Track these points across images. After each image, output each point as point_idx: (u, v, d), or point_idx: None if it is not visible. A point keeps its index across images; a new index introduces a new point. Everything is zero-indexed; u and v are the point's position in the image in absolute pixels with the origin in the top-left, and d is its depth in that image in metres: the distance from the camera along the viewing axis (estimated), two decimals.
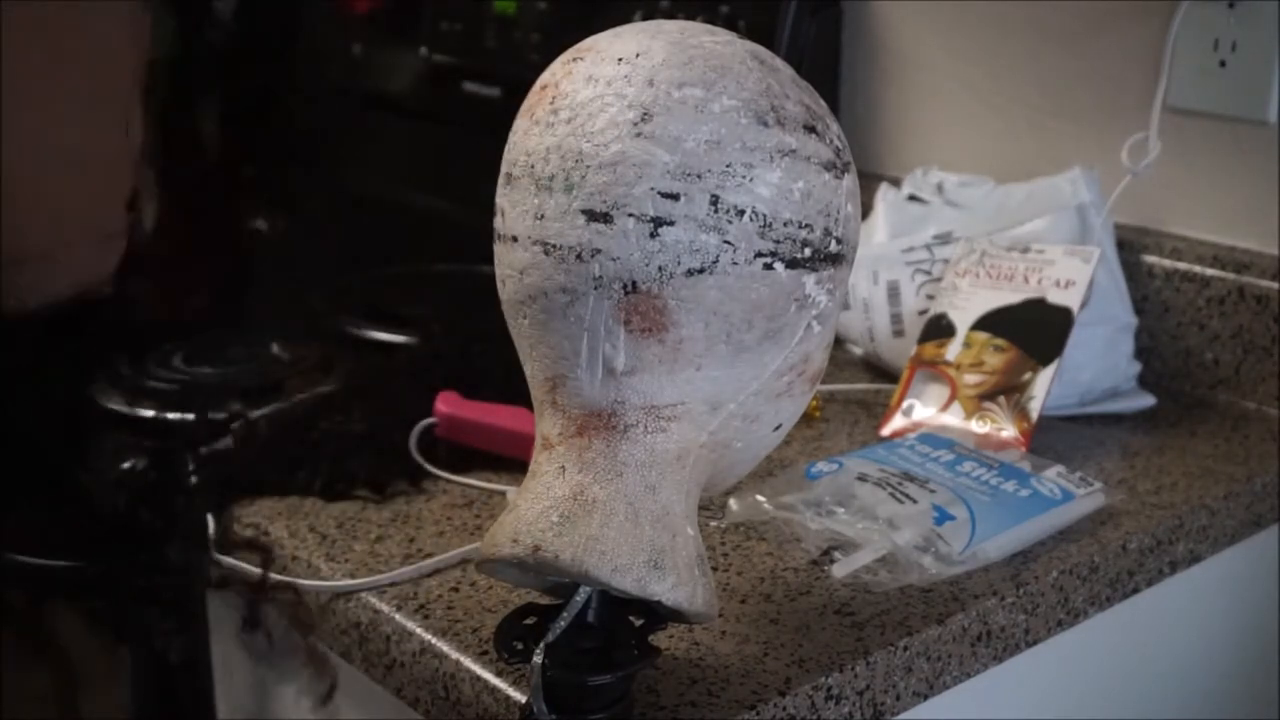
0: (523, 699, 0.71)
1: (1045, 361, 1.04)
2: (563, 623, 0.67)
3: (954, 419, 1.04)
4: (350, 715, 0.92)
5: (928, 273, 1.15)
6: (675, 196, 0.63)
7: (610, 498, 0.65)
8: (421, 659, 0.78)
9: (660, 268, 0.64)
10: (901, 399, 1.07)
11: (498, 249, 0.69)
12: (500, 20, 1.54)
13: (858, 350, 1.21)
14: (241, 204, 1.39)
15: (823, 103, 0.69)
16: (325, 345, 1.19)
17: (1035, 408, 1.02)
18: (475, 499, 0.94)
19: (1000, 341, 1.06)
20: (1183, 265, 1.17)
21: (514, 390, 0.85)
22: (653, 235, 0.63)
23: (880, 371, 1.19)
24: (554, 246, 0.65)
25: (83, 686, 1.07)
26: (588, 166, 0.64)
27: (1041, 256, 1.09)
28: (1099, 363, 1.11)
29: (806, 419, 1.08)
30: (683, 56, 0.65)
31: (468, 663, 0.75)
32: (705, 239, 0.64)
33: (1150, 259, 1.19)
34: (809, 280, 0.66)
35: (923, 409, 1.06)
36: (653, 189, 0.63)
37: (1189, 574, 0.97)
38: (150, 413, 1.04)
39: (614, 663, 0.67)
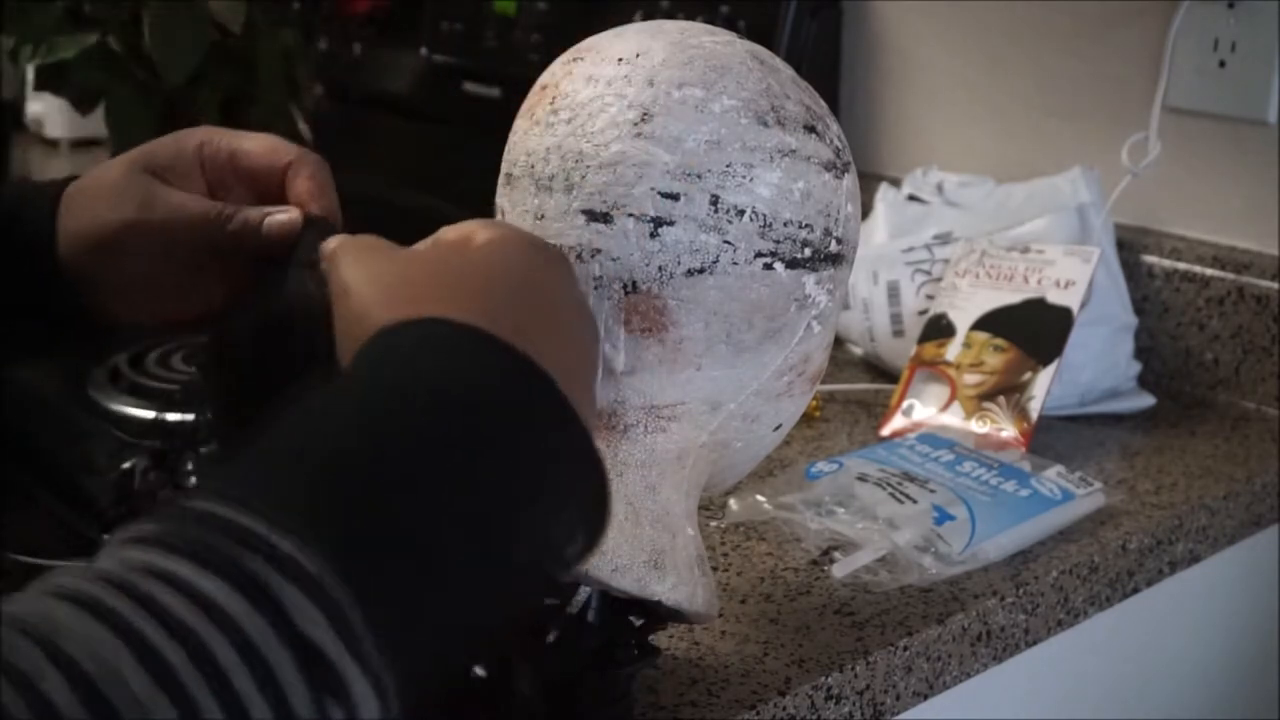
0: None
1: (1045, 361, 1.04)
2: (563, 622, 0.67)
3: (954, 419, 1.04)
4: None
5: (928, 273, 1.15)
6: (675, 196, 0.63)
7: (610, 498, 0.65)
8: None
9: (660, 268, 0.64)
10: (901, 399, 1.07)
11: None
12: (500, 20, 1.54)
13: (858, 350, 1.21)
14: None
15: (823, 103, 0.69)
16: None
17: (1035, 408, 1.02)
18: None
19: (1000, 341, 1.06)
20: (1183, 265, 1.17)
21: None
22: (653, 235, 0.63)
23: (880, 371, 1.19)
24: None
25: None
26: (588, 166, 0.64)
27: (1041, 256, 1.09)
28: (1099, 363, 1.11)
29: (806, 419, 1.08)
30: (683, 56, 0.65)
31: None
32: (705, 239, 0.63)
33: (1150, 259, 1.19)
34: (809, 280, 0.66)
35: (923, 409, 1.06)
36: (653, 189, 0.63)
37: (1189, 574, 0.97)
38: (150, 413, 1.04)
39: (614, 662, 0.67)
